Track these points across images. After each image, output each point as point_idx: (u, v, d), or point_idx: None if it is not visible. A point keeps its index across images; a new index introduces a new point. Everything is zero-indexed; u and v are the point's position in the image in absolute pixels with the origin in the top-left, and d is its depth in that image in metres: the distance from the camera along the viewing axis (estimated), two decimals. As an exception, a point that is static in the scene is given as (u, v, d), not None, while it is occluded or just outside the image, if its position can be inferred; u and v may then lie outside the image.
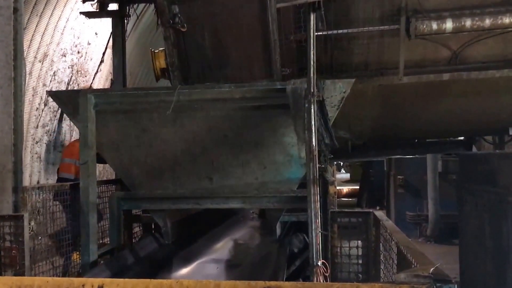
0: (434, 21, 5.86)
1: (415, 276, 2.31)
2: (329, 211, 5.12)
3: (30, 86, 8.29)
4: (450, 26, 5.85)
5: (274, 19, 5.93)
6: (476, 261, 8.50)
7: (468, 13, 5.84)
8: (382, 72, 6.40)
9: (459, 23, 5.85)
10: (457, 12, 5.86)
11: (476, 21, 5.83)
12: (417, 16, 5.86)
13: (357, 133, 7.80)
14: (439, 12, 5.91)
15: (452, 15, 5.86)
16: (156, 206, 5.43)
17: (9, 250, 4.71)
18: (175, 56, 6.20)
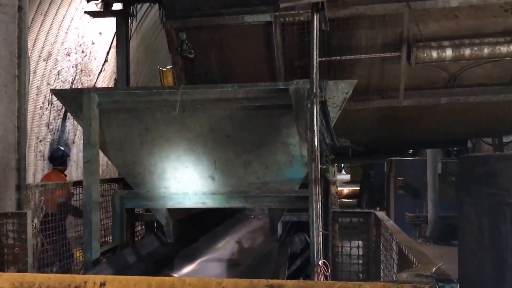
0: (435, 50, 5.97)
1: (418, 276, 2.32)
2: (330, 211, 5.14)
3: (34, 85, 8.33)
4: (449, 54, 5.96)
5: (279, 46, 6.06)
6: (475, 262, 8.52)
7: (467, 43, 5.92)
8: (383, 95, 6.53)
9: (459, 52, 5.96)
10: (457, 41, 5.94)
11: (475, 51, 5.94)
12: (417, 44, 5.95)
13: (357, 141, 7.90)
14: (439, 40, 5.98)
15: (452, 44, 5.94)
16: (158, 205, 5.46)
17: (12, 248, 4.72)
18: (183, 78, 6.30)
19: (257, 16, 6.27)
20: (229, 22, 6.34)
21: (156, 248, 5.69)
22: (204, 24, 6.42)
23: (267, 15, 6.21)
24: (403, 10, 5.90)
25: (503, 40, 5.93)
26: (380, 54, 6.21)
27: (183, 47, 6.10)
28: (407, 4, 5.81)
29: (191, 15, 6.36)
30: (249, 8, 6.26)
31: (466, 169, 9.13)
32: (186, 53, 6.12)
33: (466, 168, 9.19)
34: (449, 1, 5.84)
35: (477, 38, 5.97)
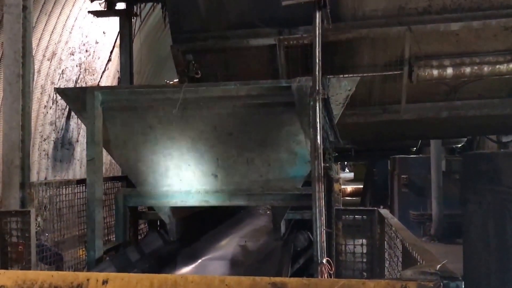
0: (436, 69, 6.04)
1: (422, 273, 2.31)
2: (334, 209, 5.13)
3: (38, 84, 8.35)
4: (450, 73, 6.04)
5: (284, 67, 6.13)
6: (479, 260, 8.50)
7: (468, 62, 5.98)
8: (384, 109, 6.60)
9: (459, 71, 6.03)
10: (457, 59, 5.99)
11: (475, 69, 6.02)
12: (419, 63, 6.02)
13: (359, 143, 7.94)
14: (440, 58, 6.04)
15: (453, 63, 6.00)
16: (161, 203, 5.46)
17: (15, 246, 4.73)
18: None
19: (261, 40, 6.37)
20: (235, 45, 6.43)
21: (159, 247, 5.68)
22: (210, 47, 6.52)
23: (271, 39, 6.30)
24: (405, 33, 5.97)
25: (503, 59, 6.01)
26: (382, 73, 6.28)
27: (189, 68, 6.20)
28: (409, 28, 5.88)
29: (198, 37, 6.44)
30: (253, 29, 6.33)
31: (470, 167, 9.11)
32: (193, 74, 6.19)
33: (470, 165, 9.18)
34: (449, 25, 5.91)
35: (477, 57, 6.04)
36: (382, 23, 5.97)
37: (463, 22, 5.87)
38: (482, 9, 5.85)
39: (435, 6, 5.86)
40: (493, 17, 5.84)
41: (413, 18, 5.90)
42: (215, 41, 6.38)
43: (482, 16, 5.82)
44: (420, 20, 5.91)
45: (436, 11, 5.87)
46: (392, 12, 5.93)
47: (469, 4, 5.81)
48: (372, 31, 6.01)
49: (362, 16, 5.86)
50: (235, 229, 6.71)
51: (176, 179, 5.31)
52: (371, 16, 5.94)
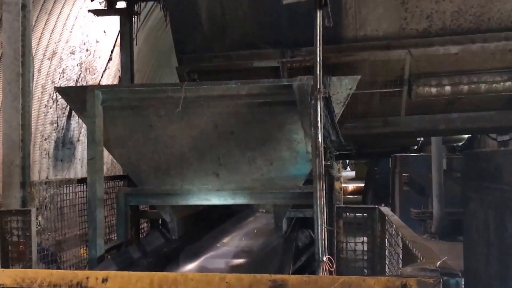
0: (434, 88, 6.18)
1: (422, 270, 2.31)
2: (335, 207, 5.14)
3: (39, 84, 8.35)
4: (448, 90, 6.19)
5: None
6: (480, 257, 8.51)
7: (465, 81, 6.12)
8: (385, 121, 6.76)
9: (457, 89, 6.18)
10: (456, 78, 6.13)
11: (473, 88, 6.16)
12: (418, 82, 6.15)
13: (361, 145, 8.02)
14: (438, 76, 6.17)
15: (451, 82, 6.14)
16: (163, 202, 5.47)
17: (16, 245, 4.73)
18: None
19: (265, 62, 6.42)
20: (239, 66, 6.50)
21: (160, 245, 5.69)
22: (214, 67, 6.58)
23: (274, 61, 6.37)
24: (405, 56, 6.06)
25: (500, 78, 6.14)
26: (382, 90, 6.40)
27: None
28: (409, 52, 5.98)
29: (202, 58, 6.50)
30: (257, 50, 6.39)
31: (471, 165, 9.12)
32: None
33: (471, 163, 9.18)
34: (449, 49, 6.00)
35: (475, 75, 6.15)
36: (383, 45, 6.05)
37: (462, 45, 5.97)
38: (481, 31, 5.94)
39: (435, 27, 5.93)
40: (491, 40, 5.94)
41: (413, 40, 5.98)
42: (219, 61, 6.46)
43: (481, 38, 5.91)
44: (420, 43, 6.00)
45: (436, 32, 5.95)
46: (393, 32, 6.00)
47: (468, 25, 5.88)
48: (373, 54, 6.10)
49: (364, 36, 5.93)
50: (237, 227, 6.71)
51: (178, 178, 5.32)
52: (373, 36, 6.00)
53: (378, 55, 6.11)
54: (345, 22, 5.91)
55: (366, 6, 5.86)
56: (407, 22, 5.93)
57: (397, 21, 5.94)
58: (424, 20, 5.90)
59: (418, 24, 5.93)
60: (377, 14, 5.92)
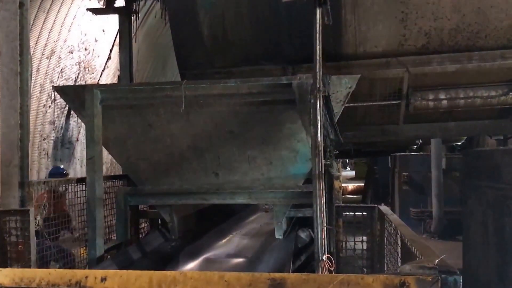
0: (432, 102, 6.35)
1: (421, 268, 2.32)
2: (334, 206, 5.13)
3: (37, 83, 8.33)
4: (445, 104, 6.37)
5: None
6: (479, 257, 8.51)
7: (462, 96, 6.30)
8: (382, 129, 6.91)
9: (453, 103, 6.35)
10: (452, 93, 6.30)
11: (469, 102, 6.35)
12: (416, 95, 6.29)
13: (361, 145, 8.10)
14: (436, 90, 6.33)
15: (448, 97, 6.31)
16: (162, 202, 5.45)
17: (15, 245, 4.71)
18: None
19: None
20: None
21: (160, 245, 5.68)
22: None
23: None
24: (403, 74, 6.19)
25: (495, 93, 6.31)
26: (381, 103, 6.53)
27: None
28: (407, 70, 6.11)
29: (204, 74, 6.54)
30: (258, 66, 6.41)
31: (471, 164, 9.12)
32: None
33: (470, 163, 9.18)
34: (446, 67, 6.14)
35: (471, 89, 6.31)
36: (382, 64, 6.15)
37: (460, 64, 6.12)
38: (478, 48, 6.06)
39: (433, 43, 6.04)
40: (488, 58, 6.08)
41: (412, 58, 6.11)
42: (221, 77, 6.47)
43: (477, 56, 6.05)
44: (419, 60, 6.13)
45: (434, 48, 6.05)
46: (392, 49, 6.08)
47: (466, 42, 5.99)
48: (372, 72, 6.20)
49: (363, 52, 6.00)
50: (237, 226, 6.71)
51: (177, 178, 5.31)
52: (372, 52, 6.08)
53: (377, 74, 6.22)
54: (344, 39, 5.98)
55: (365, 23, 5.93)
56: (406, 39, 6.02)
57: (396, 37, 6.02)
58: (423, 36, 6.00)
59: (417, 40, 6.03)
60: (377, 32, 6.00)
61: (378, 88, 6.40)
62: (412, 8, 5.82)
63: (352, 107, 6.31)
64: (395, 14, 5.86)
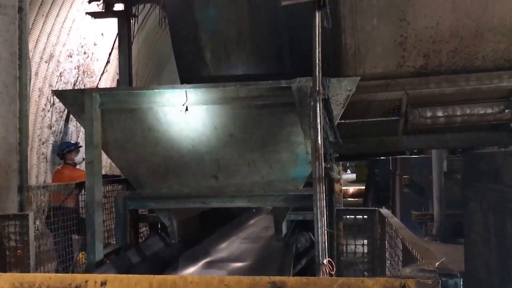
0: (429, 119, 6.52)
1: (421, 271, 2.31)
2: (335, 209, 5.11)
3: (36, 87, 8.32)
4: (443, 121, 6.55)
5: None
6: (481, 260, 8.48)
7: (459, 113, 6.46)
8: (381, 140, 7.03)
9: (451, 119, 6.50)
10: (449, 110, 6.45)
11: (465, 119, 6.51)
12: (414, 113, 6.45)
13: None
14: (433, 106, 6.49)
15: (445, 115, 6.47)
16: (161, 205, 5.42)
17: (14, 250, 4.70)
18: None
19: None
20: None
21: (160, 249, 5.66)
22: None
23: None
24: (402, 96, 6.30)
25: (491, 110, 6.46)
26: (379, 119, 6.64)
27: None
28: (406, 93, 6.23)
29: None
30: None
31: (472, 166, 9.10)
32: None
33: (471, 165, 9.16)
34: (444, 90, 6.25)
35: (468, 107, 6.46)
36: (381, 86, 6.24)
37: (457, 86, 6.23)
38: (475, 68, 6.16)
39: (431, 64, 6.13)
40: (485, 80, 6.19)
41: (410, 79, 6.20)
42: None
43: (475, 77, 6.16)
44: (417, 82, 6.23)
45: (432, 68, 6.15)
46: (391, 70, 6.17)
47: (463, 62, 6.09)
48: (371, 95, 6.29)
49: (362, 73, 6.01)
50: (237, 230, 6.69)
51: (176, 181, 5.29)
52: (371, 73, 6.14)
53: (376, 96, 6.32)
54: (344, 61, 6.05)
55: (365, 47, 6.00)
56: (405, 60, 6.11)
57: (395, 59, 6.11)
58: (421, 58, 6.09)
59: (415, 61, 6.13)
60: (376, 54, 6.09)
61: (377, 107, 6.50)
62: (411, 32, 5.91)
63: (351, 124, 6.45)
64: (395, 38, 5.96)
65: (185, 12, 6.21)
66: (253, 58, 6.27)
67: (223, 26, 6.20)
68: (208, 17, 6.17)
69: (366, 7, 5.86)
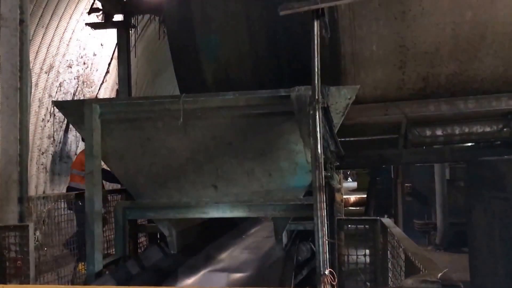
0: (429, 139, 6.63)
1: (423, 282, 2.28)
2: (336, 219, 5.07)
3: (36, 98, 8.34)
4: (442, 140, 6.68)
5: None
6: (486, 268, 8.41)
7: (457, 132, 6.58)
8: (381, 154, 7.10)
9: (449, 138, 6.64)
10: (448, 129, 6.56)
11: (464, 138, 6.67)
12: (413, 132, 6.55)
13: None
14: (432, 125, 6.58)
15: (444, 134, 6.59)
16: (161, 215, 5.40)
17: (14, 261, 4.68)
18: None
19: None
20: None
21: (159, 260, 5.62)
22: None
23: None
24: (401, 119, 6.41)
25: (489, 129, 6.58)
26: (378, 137, 6.79)
27: None
28: (405, 116, 6.35)
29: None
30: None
31: (475, 174, 9.04)
32: None
33: (474, 172, 9.10)
34: (443, 113, 6.38)
35: (466, 126, 6.56)
36: (380, 107, 6.36)
37: (457, 110, 6.36)
38: (473, 90, 6.29)
39: (430, 87, 6.26)
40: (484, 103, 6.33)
41: (409, 102, 6.33)
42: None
43: (473, 100, 6.30)
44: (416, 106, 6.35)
45: (432, 90, 6.29)
46: (391, 91, 6.29)
47: (462, 85, 6.22)
48: (372, 119, 6.42)
49: (362, 95, 6.11)
50: (237, 240, 6.65)
51: (175, 191, 5.26)
52: (371, 95, 6.27)
53: (376, 119, 6.43)
54: (343, 83, 6.12)
55: (364, 70, 6.10)
56: (404, 83, 6.23)
57: (395, 83, 6.22)
58: (421, 81, 6.21)
59: (415, 84, 6.24)
60: (375, 77, 6.19)
61: (376, 128, 6.61)
62: (410, 58, 6.01)
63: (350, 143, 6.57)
64: (394, 63, 6.06)
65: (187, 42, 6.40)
66: (253, 81, 6.36)
67: (224, 51, 6.34)
68: (209, 46, 6.33)
69: (366, 34, 5.96)
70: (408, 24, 5.89)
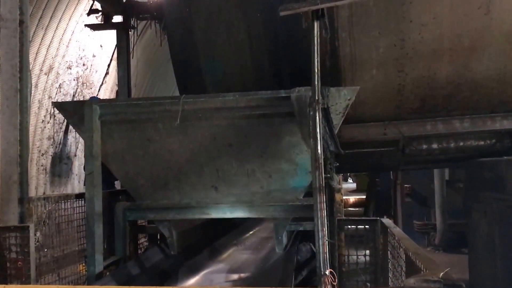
0: (425, 151, 6.93)
1: (425, 281, 2.28)
2: (336, 219, 5.08)
3: (36, 99, 8.34)
4: (438, 152, 7.02)
5: None
6: (486, 269, 8.40)
7: (453, 146, 6.93)
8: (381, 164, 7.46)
9: (445, 150, 6.97)
10: (444, 143, 6.89)
11: (459, 150, 7.02)
12: (411, 145, 6.83)
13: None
14: (429, 138, 6.86)
15: (440, 147, 6.91)
16: (161, 216, 5.40)
17: (15, 262, 4.68)
18: None
19: None
20: None
21: (160, 261, 5.62)
22: None
23: None
24: (400, 137, 6.72)
25: (483, 143, 6.95)
26: (376, 149, 6.97)
27: None
28: (403, 136, 6.66)
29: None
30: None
31: (474, 175, 9.02)
32: None
33: (474, 173, 9.08)
34: (439, 131, 6.69)
35: (461, 139, 6.89)
36: (379, 126, 6.63)
37: (453, 129, 6.67)
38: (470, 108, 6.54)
39: (427, 106, 6.53)
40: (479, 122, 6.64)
41: (407, 122, 6.63)
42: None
43: (469, 119, 6.60)
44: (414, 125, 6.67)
45: (429, 109, 6.54)
46: (389, 110, 6.55)
47: (458, 104, 6.48)
48: (371, 136, 6.68)
49: (361, 114, 6.39)
50: (237, 241, 6.65)
51: (176, 192, 5.26)
52: (371, 115, 6.53)
53: (377, 138, 6.70)
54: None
55: (364, 93, 6.17)
56: (403, 103, 6.49)
57: (393, 103, 6.48)
58: (418, 101, 6.47)
59: (413, 104, 6.51)
60: (375, 99, 6.42)
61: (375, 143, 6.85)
62: (409, 81, 6.26)
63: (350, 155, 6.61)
64: (393, 86, 6.31)
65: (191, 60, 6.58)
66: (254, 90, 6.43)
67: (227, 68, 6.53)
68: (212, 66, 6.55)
69: (366, 60, 6.20)
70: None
